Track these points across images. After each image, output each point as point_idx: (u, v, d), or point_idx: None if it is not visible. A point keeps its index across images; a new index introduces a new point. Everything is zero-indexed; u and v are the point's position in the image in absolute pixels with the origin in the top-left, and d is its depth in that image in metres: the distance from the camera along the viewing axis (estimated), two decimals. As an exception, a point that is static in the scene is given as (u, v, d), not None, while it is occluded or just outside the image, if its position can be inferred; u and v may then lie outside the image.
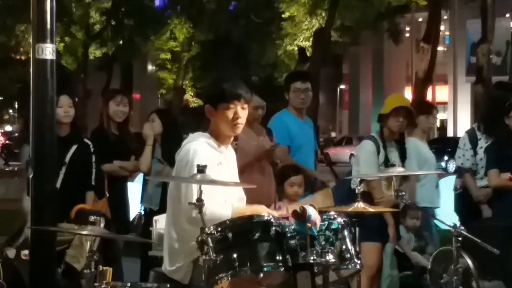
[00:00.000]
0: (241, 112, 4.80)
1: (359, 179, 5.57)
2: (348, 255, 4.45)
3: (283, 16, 33.00)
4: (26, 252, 6.40)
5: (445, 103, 47.93)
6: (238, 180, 4.98)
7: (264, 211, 4.62)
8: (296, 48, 33.38)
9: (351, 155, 41.52)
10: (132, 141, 8.02)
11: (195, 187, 4.46)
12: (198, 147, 4.74)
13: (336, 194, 7.22)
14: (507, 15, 39.87)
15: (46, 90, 5.79)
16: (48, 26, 5.76)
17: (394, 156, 7.03)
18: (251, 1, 34.72)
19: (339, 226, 4.45)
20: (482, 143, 7.79)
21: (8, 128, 64.94)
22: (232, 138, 4.95)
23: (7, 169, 28.27)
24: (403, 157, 7.14)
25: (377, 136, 7.09)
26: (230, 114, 4.77)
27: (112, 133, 7.76)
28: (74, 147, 7.16)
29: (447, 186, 9.67)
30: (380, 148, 7.00)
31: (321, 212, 4.41)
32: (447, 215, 8.16)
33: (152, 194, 7.67)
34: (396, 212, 6.85)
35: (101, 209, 7.07)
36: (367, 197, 6.36)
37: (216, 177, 4.46)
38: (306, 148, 7.67)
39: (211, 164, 4.54)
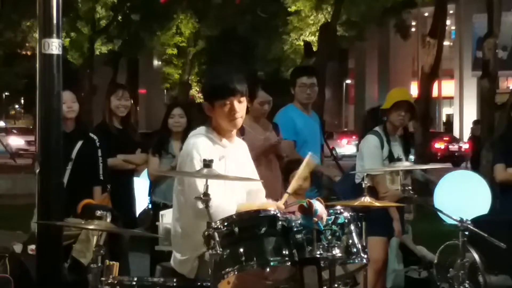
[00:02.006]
0: (238, 106, 4.78)
1: (365, 174, 5.57)
2: (355, 250, 4.45)
3: (289, 10, 32.97)
4: (33, 247, 6.41)
5: (451, 98, 47.98)
6: (248, 175, 4.96)
7: (271, 206, 4.61)
8: (302, 43, 33.33)
9: (332, 148, 41.71)
10: (136, 135, 8.03)
11: (198, 181, 4.47)
12: (198, 141, 4.75)
13: (341, 188, 7.23)
14: (514, 10, 39.78)
15: (52, 85, 5.80)
16: (54, 21, 5.77)
17: (398, 150, 7.02)
18: (257, -5, 34.69)
19: (346, 221, 4.45)
20: None
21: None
22: (235, 133, 4.96)
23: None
24: (407, 151, 7.13)
25: (380, 131, 7.09)
26: (226, 109, 4.76)
27: (115, 128, 7.77)
28: (80, 143, 7.17)
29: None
30: (384, 143, 7.01)
31: (327, 207, 4.42)
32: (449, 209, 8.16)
33: (165, 189, 7.63)
34: (400, 206, 6.85)
35: (103, 203, 7.09)
36: (371, 192, 6.36)
37: (218, 172, 4.46)
38: (312, 142, 7.66)
39: (213, 158, 4.54)
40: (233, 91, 4.75)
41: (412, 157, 6.97)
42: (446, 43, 33.10)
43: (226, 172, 4.65)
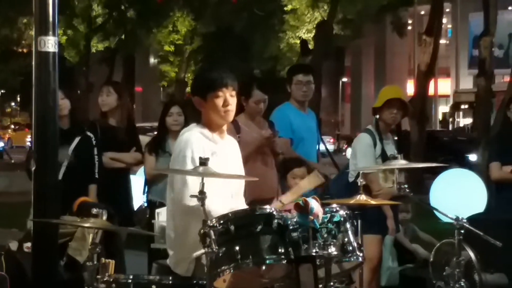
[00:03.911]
0: (230, 99, 4.84)
1: (361, 172, 5.56)
2: (351, 248, 4.45)
3: (285, 8, 32.99)
4: (28, 244, 6.40)
5: (447, 96, 48.00)
6: (238, 172, 4.97)
7: None
8: (298, 41, 33.38)
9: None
10: (135, 133, 8.01)
11: (191, 178, 4.47)
12: (191, 137, 4.77)
13: (334, 186, 7.23)
14: (510, 8, 39.82)
15: (48, 82, 5.79)
16: (50, 19, 5.76)
17: (391, 148, 7.01)
18: (254, -7, 34.70)
19: (342, 219, 4.44)
20: None
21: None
22: (225, 128, 4.97)
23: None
24: (400, 149, 7.13)
25: (373, 129, 7.09)
26: (220, 102, 4.80)
27: (110, 125, 7.74)
28: (77, 140, 7.18)
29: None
30: (377, 141, 7.00)
31: (323, 205, 4.41)
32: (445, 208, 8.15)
33: (162, 188, 7.59)
34: (394, 204, 6.84)
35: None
36: (364, 190, 6.35)
37: (213, 170, 4.46)
38: (308, 140, 7.66)
39: (204, 154, 4.54)
40: (226, 83, 4.81)
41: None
42: (442, 41, 33.13)
43: (215, 169, 4.65)
